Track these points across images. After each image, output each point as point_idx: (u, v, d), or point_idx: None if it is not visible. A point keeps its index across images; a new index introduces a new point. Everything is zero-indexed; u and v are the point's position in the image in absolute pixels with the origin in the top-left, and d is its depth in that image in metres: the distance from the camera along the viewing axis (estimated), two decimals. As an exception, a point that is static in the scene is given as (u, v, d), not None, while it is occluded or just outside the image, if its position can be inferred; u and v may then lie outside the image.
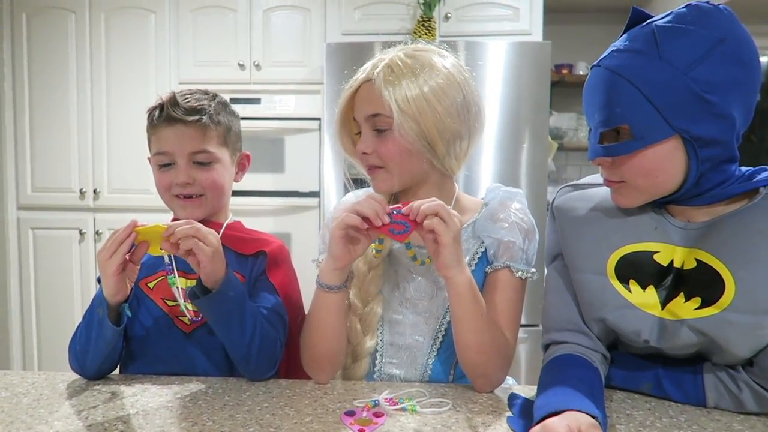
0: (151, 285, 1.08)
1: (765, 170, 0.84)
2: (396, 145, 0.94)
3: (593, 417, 0.73)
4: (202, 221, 1.06)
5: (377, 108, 0.94)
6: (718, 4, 0.79)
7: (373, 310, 1.01)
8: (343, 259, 0.90)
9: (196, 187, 1.05)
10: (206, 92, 1.11)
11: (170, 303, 1.06)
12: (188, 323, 1.06)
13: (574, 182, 0.99)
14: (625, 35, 0.83)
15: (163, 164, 1.06)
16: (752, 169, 0.85)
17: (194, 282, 0.97)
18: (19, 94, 2.84)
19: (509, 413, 0.86)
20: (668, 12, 0.81)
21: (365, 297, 1.01)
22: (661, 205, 0.88)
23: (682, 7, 0.80)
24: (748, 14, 0.89)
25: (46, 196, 2.86)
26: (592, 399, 0.77)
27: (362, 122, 0.97)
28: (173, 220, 1.08)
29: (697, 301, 0.82)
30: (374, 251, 1.00)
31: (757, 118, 0.83)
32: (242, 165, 1.16)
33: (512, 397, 0.90)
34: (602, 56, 0.84)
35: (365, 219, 0.85)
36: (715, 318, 0.80)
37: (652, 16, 0.82)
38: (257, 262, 1.08)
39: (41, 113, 2.84)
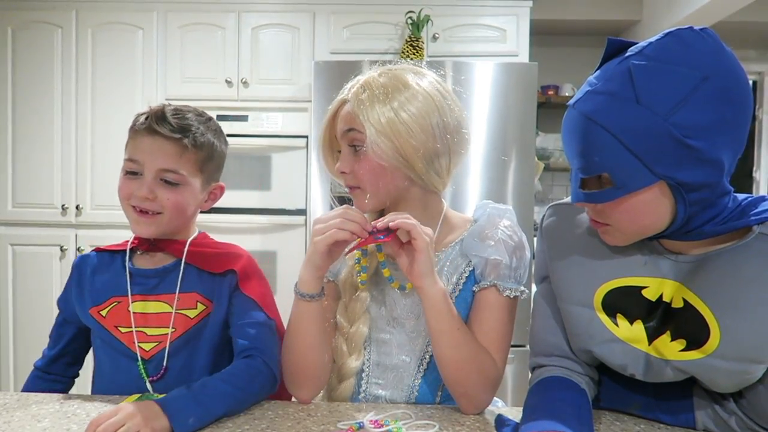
0: (103, 313, 1.04)
1: (763, 200, 0.79)
2: (370, 164, 0.94)
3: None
4: (160, 240, 1.04)
5: (351, 123, 0.95)
6: (702, 28, 0.72)
7: (359, 330, 0.99)
8: (325, 267, 0.92)
9: (155, 204, 1.00)
10: (201, 114, 1.07)
11: (123, 330, 1.02)
12: (148, 350, 1.01)
13: (565, 201, 0.95)
14: (600, 71, 0.76)
15: (131, 171, 1.02)
16: (750, 197, 0.79)
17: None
18: (2, 108, 2.80)
19: (497, 436, 0.84)
20: (647, 42, 0.73)
21: (351, 317, 1.00)
22: (651, 237, 0.83)
23: (662, 37, 0.72)
24: (731, 39, 0.86)
25: (26, 211, 2.81)
26: (579, 421, 0.76)
27: (341, 140, 0.98)
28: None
29: (682, 342, 0.79)
30: (359, 280, 1.00)
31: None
32: (214, 195, 1.11)
33: (500, 420, 0.88)
34: (577, 96, 0.77)
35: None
36: (700, 362, 0.78)
37: (630, 44, 0.75)
38: (225, 281, 1.04)
39: (24, 128, 2.80)
